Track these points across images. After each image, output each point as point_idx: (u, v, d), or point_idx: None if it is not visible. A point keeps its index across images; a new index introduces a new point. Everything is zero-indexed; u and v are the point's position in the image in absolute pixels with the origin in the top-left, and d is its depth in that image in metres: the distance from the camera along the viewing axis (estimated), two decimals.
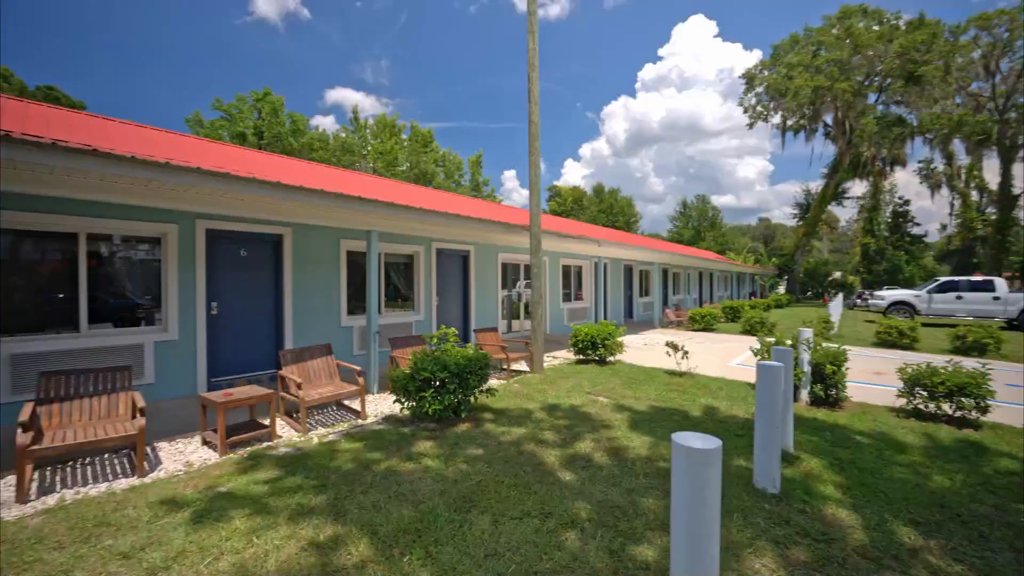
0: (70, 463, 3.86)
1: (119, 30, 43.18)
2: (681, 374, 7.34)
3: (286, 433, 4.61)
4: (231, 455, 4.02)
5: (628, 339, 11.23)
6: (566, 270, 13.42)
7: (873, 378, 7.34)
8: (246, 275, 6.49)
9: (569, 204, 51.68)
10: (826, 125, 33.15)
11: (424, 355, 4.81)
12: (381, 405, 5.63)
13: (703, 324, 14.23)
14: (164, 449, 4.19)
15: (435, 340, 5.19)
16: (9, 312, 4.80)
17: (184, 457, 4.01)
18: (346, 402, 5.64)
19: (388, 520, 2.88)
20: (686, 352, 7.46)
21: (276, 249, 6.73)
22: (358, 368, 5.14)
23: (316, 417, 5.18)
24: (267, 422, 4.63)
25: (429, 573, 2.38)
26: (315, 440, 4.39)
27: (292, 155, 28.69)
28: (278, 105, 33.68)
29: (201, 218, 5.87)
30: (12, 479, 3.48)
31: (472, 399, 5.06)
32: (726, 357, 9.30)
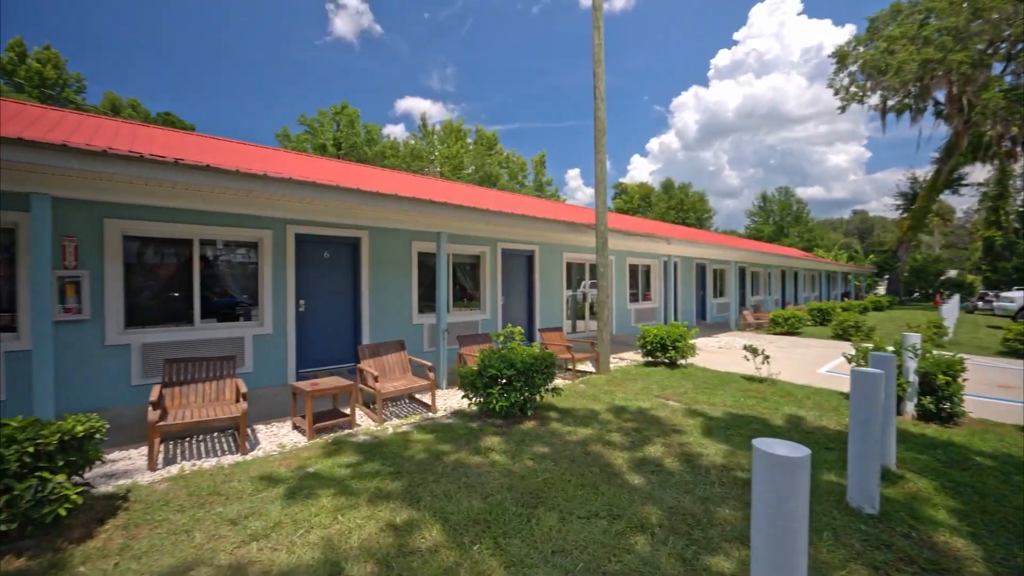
0: (187, 439, 4.42)
1: (220, 60, 48.83)
2: (761, 380, 6.84)
3: (364, 422, 4.93)
4: (317, 439, 4.38)
5: (701, 342, 10.67)
6: (633, 269, 13.04)
7: (998, 392, 6.36)
8: (328, 276, 7.04)
9: (636, 201, 50.15)
10: (937, 103, 29.16)
11: (491, 353, 4.92)
12: (450, 400, 5.84)
13: (786, 327, 13.16)
14: (261, 431, 4.67)
15: (501, 338, 5.29)
16: (138, 308, 5.60)
17: (278, 439, 4.44)
18: (417, 395, 5.92)
19: (458, 509, 2.99)
20: (767, 356, 6.94)
21: (355, 251, 7.23)
22: (428, 364, 5.37)
23: (390, 408, 5.49)
24: (348, 411, 4.99)
25: (498, 563, 2.44)
26: (390, 430, 4.66)
27: (366, 163, 30.59)
28: (354, 117, 36.06)
29: (291, 223, 6.46)
30: (144, 450, 4.06)
31: (538, 398, 5.09)
32: (813, 363, 8.52)
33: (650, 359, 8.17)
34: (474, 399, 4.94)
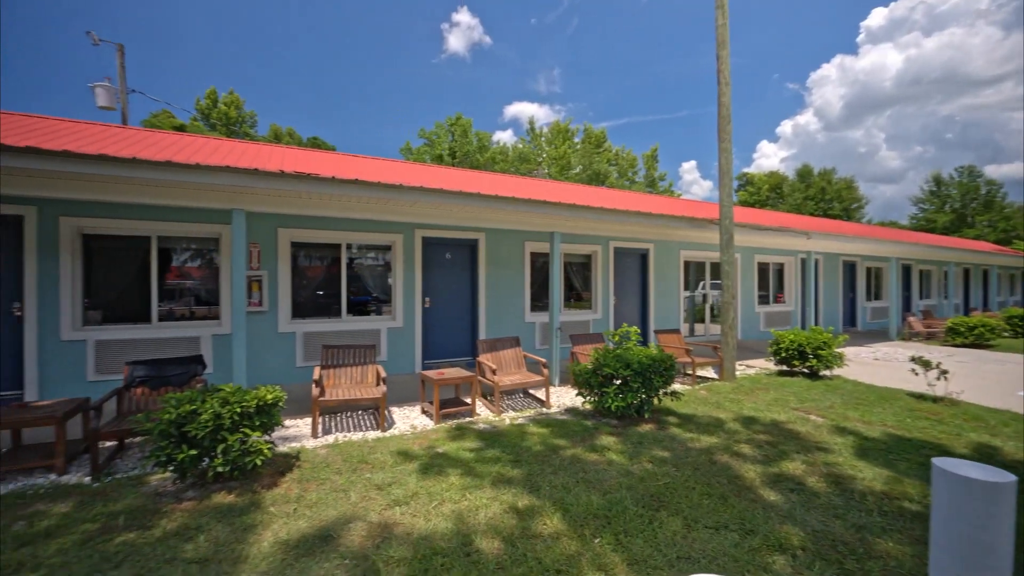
0: (338, 414, 5.15)
1: (353, 86, 55.80)
2: (935, 399, 5.70)
3: (483, 412, 5.24)
4: (443, 424, 4.77)
5: (850, 351, 9.23)
6: (762, 268, 11.78)
7: None
8: (450, 275, 7.61)
9: (764, 193, 45.08)
10: None
11: (606, 352, 4.87)
12: (563, 397, 5.91)
13: (971, 338, 10.73)
14: (395, 412, 5.23)
15: (616, 338, 5.20)
16: (300, 302, 6.66)
17: (409, 421, 4.94)
18: (531, 390, 6.10)
19: (577, 502, 3.03)
20: (944, 372, 5.76)
21: (473, 252, 7.70)
22: (543, 360, 5.51)
23: (506, 401, 5.75)
24: (468, 401, 5.36)
25: (620, 559, 2.43)
26: (507, 421, 4.88)
27: (478, 169, 32.29)
28: (467, 127, 38.30)
29: (419, 228, 7.12)
30: (307, 420, 4.83)
31: (655, 400, 4.90)
32: (1011, 384, 6.84)
33: (784, 368, 7.32)
34: (588, 397, 4.93)
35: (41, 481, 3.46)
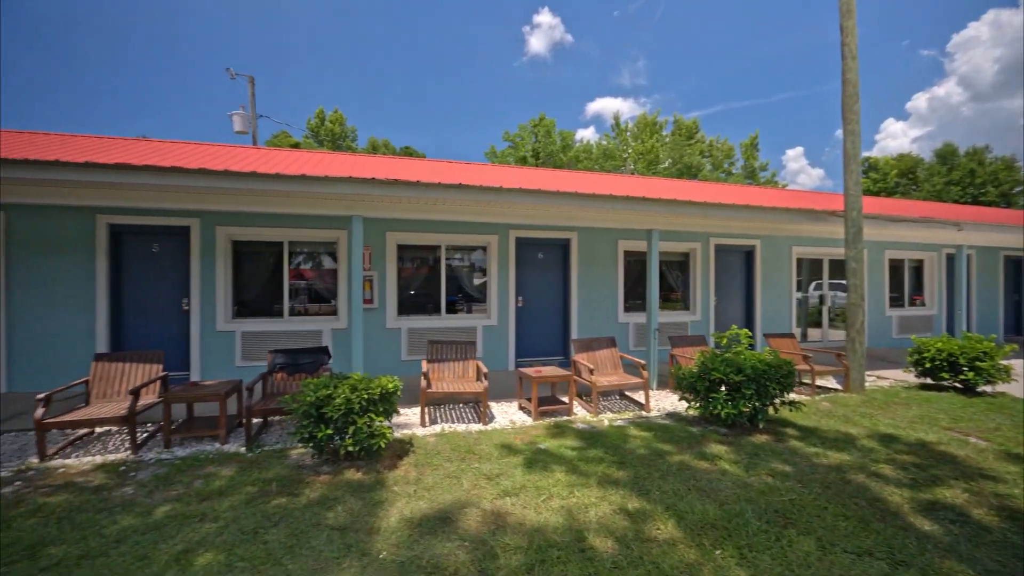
0: (442, 405, 5.45)
1: (441, 96, 58.76)
2: None
3: (580, 412, 5.21)
4: (541, 421, 4.84)
5: (1017, 363, 7.69)
6: (894, 265, 10.26)
7: None
8: (542, 275, 7.69)
9: (892, 179, 39.24)
10: None
11: (713, 355, 4.59)
12: (662, 401, 5.68)
13: None
14: (493, 407, 5.41)
15: (724, 341, 4.88)
16: (403, 300, 7.16)
17: (508, 416, 5.07)
18: (628, 392, 5.95)
19: (691, 510, 2.89)
20: None
21: (565, 252, 7.71)
22: (641, 362, 5.35)
23: (602, 402, 5.66)
24: (564, 399, 5.37)
25: (746, 574, 2.28)
26: (606, 422, 4.81)
27: (560, 168, 32.17)
28: (551, 127, 38.34)
29: (513, 228, 7.29)
30: (414, 410, 5.18)
31: (771, 410, 4.51)
32: None
33: (929, 380, 6.31)
34: (693, 403, 4.68)
35: (208, 448, 4.11)
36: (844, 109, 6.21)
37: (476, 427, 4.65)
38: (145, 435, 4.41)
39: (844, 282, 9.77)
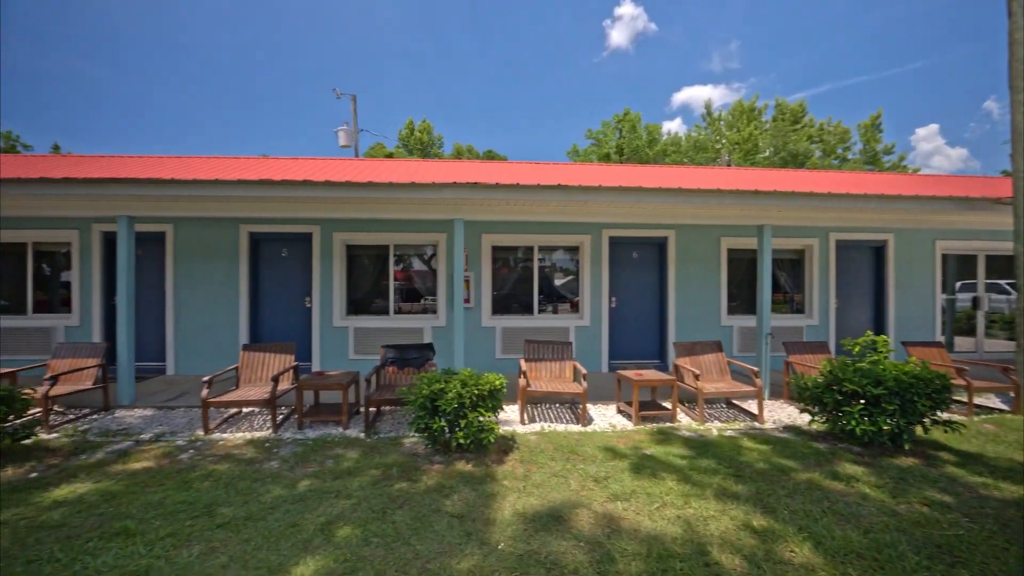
0: (539, 404, 5.51)
1: (518, 97, 59.44)
2: None
3: (684, 419, 4.96)
4: (642, 426, 4.68)
5: None
6: None
7: None
8: (636, 275, 7.45)
9: None
10: None
11: (843, 364, 4.10)
12: (776, 412, 5.21)
13: None
14: (590, 409, 5.34)
15: (856, 349, 4.34)
16: (497, 300, 7.34)
17: (607, 419, 4.98)
18: (735, 401, 5.55)
19: (830, 535, 2.61)
20: None
21: (661, 251, 7.39)
22: (754, 369, 4.95)
23: (707, 410, 5.34)
24: (665, 404, 5.15)
25: None
26: (714, 432, 4.52)
27: (647, 164, 30.90)
28: (635, 121, 37.00)
29: (606, 228, 7.16)
30: (513, 408, 5.29)
31: (918, 429, 3.92)
32: None
33: None
34: (818, 416, 4.23)
35: (333, 432, 4.56)
36: (1011, 75, 5.19)
37: (576, 428, 4.63)
38: (282, 417, 5.02)
39: (1004, 282, 8.21)
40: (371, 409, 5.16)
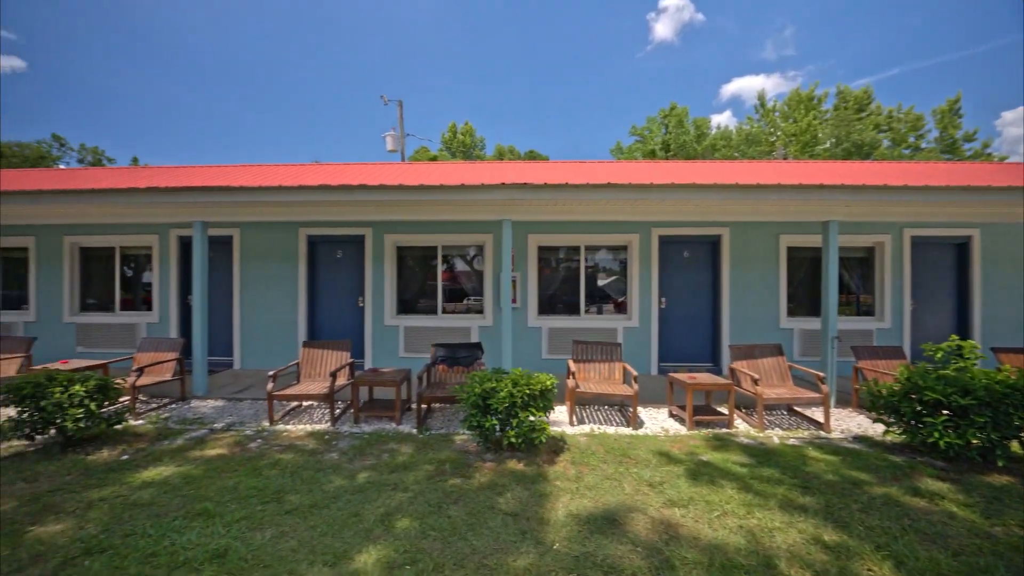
0: (587, 406, 5.45)
1: (559, 95, 58.98)
2: None
3: (741, 425, 4.75)
4: (696, 431, 4.53)
5: None
6: None
7: None
8: (687, 274, 7.21)
9: None
10: None
11: (924, 371, 3.78)
12: (844, 421, 4.88)
13: None
14: (640, 412, 5.22)
15: (938, 355, 3.99)
16: (543, 300, 7.32)
17: (658, 423, 4.85)
18: (798, 408, 5.25)
19: (914, 555, 2.42)
20: None
21: (714, 249, 7.12)
22: (820, 374, 4.66)
23: (767, 417, 5.08)
24: (721, 409, 4.95)
25: None
26: (775, 440, 4.30)
27: (694, 160, 29.80)
28: (683, 115, 35.78)
29: (656, 227, 6.97)
30: (561, 408, 5.26)
31: (1014, 444, 3.55)
32: None
33: None
34: (894, 427, 3.92)
35: (387, 427, 4.72)
36: None
37: (626, 431, 4.54)
38: (339, 411, 5.25)
39: None
40: (423, 406, 5.29)
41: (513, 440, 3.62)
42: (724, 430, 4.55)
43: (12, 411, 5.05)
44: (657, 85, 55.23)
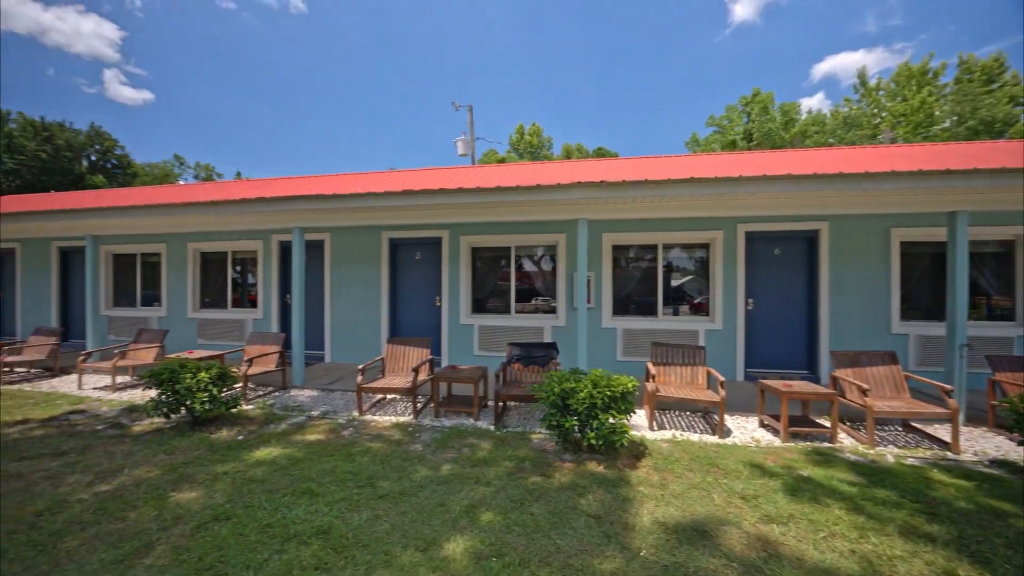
0: (667, 411, 5.23)
1: (631, 89, 56.92)
2: None
3: (847, 440, 4.30)
4: (792, 443, 4.16)
5: None
6: None
7: None
8: (778, 273, 6.66)
9: None
10: None
11: None
12: (977, 441, 4.23)
13: None
14: (727, 420, 4.91)
15: None
16: (617, 301, 7.11)
17: (747, 432, 4.53)
18: (916, 424, 4.64)
19: None
20: None
21: (810, 245, 6.51)
22: (946, 387, 4.08)
23: (877, 432, 4.55)
24: (820, 421, 4.52)
25: None
26: (890, 458, 3.83)
27: (783, 148, 27.40)
28: (767, 101, 33.14)
29: (742, 222, 6.52)
30: (642, 413, 5.10)
31: None
32: None
33: None
34: None
35: (465, 422, 4.86)
36: None
37: (711, 439, 4.29)
38: (420, 405, 5.50)
39: None
40: (500, 403, 5.39)
41: (593, 442, 3.57)
42: (825, 444, 4.14)
43: (153, 392, 5.90)
44: (738, 70, 51.67)
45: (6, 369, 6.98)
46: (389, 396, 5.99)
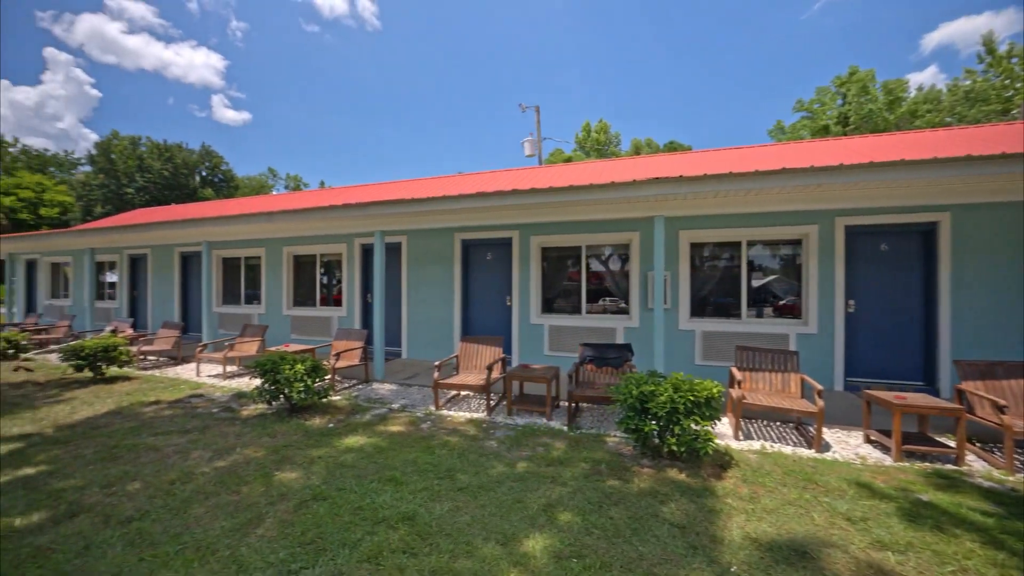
0: (754, 421, 4.87)
1: (706, 77, 53.58)
2: None
3: (977, 463, 3.73)
4: (906, 463, 3.70)
5: None
6: None
7: None
8: (884, 271, 5.94)
9: None
10: None
11: None
12: None
13: None
14: (825, 433, 4.47)
15: None
16: (695, 302, 6.74)
17: (850, 448, 4.09)
18: None
19: None
20: None
21: (926, 240, 5.74)
22: None
23: (1018, 456, 3.90)
24: (943, 440, 3.96)
25: None
26: None
27: (885, 132, 24.40)
28: (867, 80, 29.72)
29: (840, 215, 5.91)
30: (725, 421, 4.80)
31: None
32: None
33: None
34: None
35: (538, 422, 4.87)
36: None
37: (806, 452, 3.93)
38: (493, 402, 5.60)
39: None
40: (573, 404, 5.35)
41: (674, 448, 3.41)
42: (949, 466, 3.63)
43: (258, 381, 6.56)
44: (829, 48, 46.89)
45: (140, 357, 8.13)
46: (463, 393, 6.17)
